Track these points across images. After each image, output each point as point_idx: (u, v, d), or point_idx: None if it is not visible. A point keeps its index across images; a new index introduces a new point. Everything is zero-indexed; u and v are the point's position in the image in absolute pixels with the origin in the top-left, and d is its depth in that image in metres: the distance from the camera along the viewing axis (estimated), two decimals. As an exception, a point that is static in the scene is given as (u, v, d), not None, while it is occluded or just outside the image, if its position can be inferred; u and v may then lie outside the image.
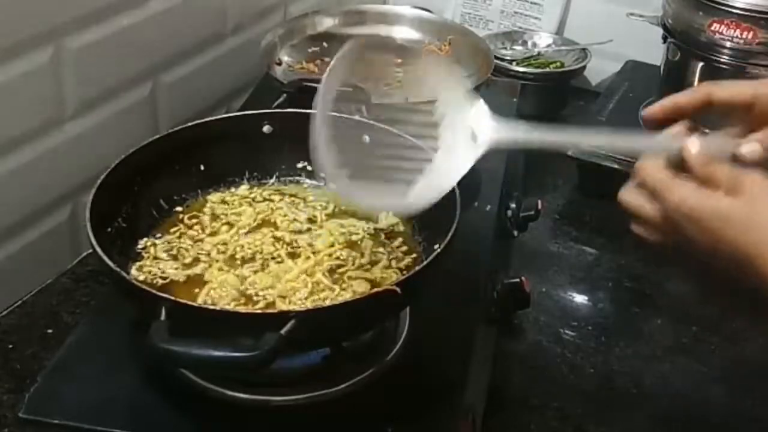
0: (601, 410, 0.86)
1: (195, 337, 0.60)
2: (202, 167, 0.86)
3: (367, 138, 0.86)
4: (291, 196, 0.87)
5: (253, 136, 0.88)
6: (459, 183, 0.75)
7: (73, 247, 0.98)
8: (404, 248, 0.81)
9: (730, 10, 1.12)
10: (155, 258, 0.79)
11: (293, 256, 0.79)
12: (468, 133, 0.68)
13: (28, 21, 0.85)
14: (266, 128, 0.88)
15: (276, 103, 0.93)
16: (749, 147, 0.63)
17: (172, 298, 0.66)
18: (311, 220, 0.84)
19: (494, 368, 0.86)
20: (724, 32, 1.11)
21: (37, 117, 0.89)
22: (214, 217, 0.84)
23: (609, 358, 0.93)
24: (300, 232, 0.82)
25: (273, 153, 0.88)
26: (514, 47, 1.43)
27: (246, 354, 0.59)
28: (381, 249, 0.81)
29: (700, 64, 1.16)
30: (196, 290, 0.75)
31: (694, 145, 0.62)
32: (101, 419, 0.69)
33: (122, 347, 0.76)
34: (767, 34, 1.10)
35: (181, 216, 0.84)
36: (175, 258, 0.79)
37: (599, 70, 1.42)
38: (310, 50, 1.20)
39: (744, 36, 1.11)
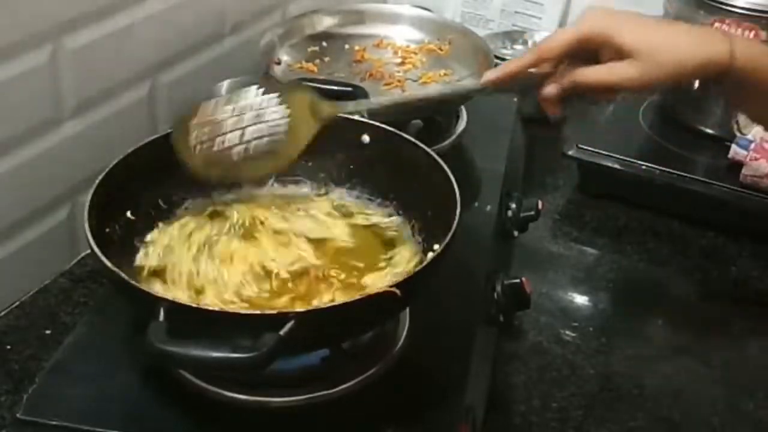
0: (602, 411, 0.86)
1: (193, 338, 0.60)
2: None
3: (366, 138, 0.86)
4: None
5: (252, 135, 0.87)
6: (459, 183, 0.75)
7: (71, 247, 0.97)
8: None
9: (731, 9, 1.12)
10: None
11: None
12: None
13: (26, 20, 0.84)
14: (265, 128, 0.88)
15: (275, 103, 0.92)
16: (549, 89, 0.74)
17: (170, 298, 0.65)
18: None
19: (494, 369, 0.86)
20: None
21: (35, 117, 0.89)
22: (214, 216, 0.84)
23: (610, 359, 0.92)
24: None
25: (272, 153, 0.88)
26: (514, 47, 1.43)
27: (244, 355, 0.59)
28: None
29: (701, 63, 1.15)
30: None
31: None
32: (100, 420, 0.69)
33: (121, 348, 0.76)
34: (768, 34, 1.10)
35: (179, 216, 0.84)
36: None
37: (600, 70, 1.41)
38: (309, 50, 1.20)
39: (746, 35, 1.10)
